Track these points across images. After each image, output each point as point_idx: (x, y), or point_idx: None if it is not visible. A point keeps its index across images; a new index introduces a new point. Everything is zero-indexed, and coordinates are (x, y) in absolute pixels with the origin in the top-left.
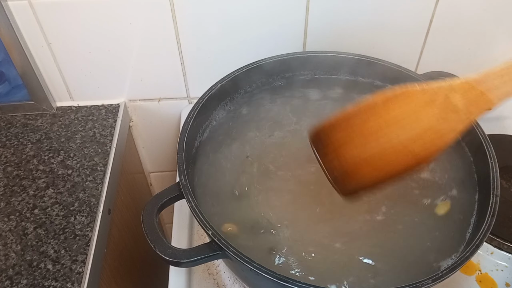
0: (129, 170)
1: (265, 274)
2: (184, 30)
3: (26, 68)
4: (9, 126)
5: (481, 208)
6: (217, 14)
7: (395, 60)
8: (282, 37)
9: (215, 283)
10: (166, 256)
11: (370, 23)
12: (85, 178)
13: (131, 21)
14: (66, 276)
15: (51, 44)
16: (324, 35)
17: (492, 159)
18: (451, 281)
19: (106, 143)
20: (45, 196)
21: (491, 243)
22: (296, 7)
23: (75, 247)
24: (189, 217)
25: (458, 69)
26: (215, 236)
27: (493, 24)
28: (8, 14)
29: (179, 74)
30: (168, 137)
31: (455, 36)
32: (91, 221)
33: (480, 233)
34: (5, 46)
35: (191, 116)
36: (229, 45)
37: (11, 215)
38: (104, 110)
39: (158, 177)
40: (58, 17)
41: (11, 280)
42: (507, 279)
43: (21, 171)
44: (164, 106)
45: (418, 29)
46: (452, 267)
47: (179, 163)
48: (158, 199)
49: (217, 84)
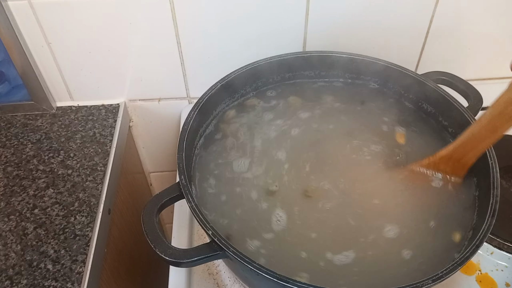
0: (129, 170)
1: (265, 274)
2: (184, 30)
3: (26, 68)
4: (9, 126)
5: (481, 208)
6: (217, 14)
7: (395, 60)
8: (282, 37)
9: (215, 283)
10: (166, 256)
11: (370, 23)
12: (85, 178)
13: (131, 21)
14: (66, 276)
15: (51, 44)
16: (324, 35)
17: (492, 159)
18: (451, 281)
19: (106, 143)
20: (45, 196)
21: (491, 243)
22: (296, 7)
23: (75, 247)
24: (189, 217)
25: (458, 69)
26: (215, 236)
27: (493, 24)
28: (8, 14)
29: (179, 74)
30: (168, 137)
31: (455, 36)
32: (91, 221)
33: (480, 233)
34: (5, 46)
35: (191, 116)
36: (229, 45)
37: (11, 215)
38: (104, 110)
39: (158, 177)
40: (58, 17)
41: (11, 280)
42: (507, 279)
43: (21, 171)
44: (164, 106)
45: (418, 29)
46: (452, 267)
47: (179, 163)
48: (158, 199)
49: (217, 84)
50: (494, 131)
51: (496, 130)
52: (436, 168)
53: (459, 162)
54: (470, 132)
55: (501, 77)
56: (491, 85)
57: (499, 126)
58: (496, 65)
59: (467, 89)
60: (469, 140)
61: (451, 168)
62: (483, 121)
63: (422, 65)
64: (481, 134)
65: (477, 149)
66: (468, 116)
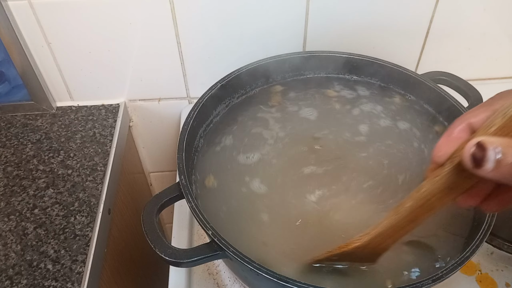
0: (129, 170)
1: (265, 274)
2: (184, 30)
3: (26, 68)
4: (9, 126)
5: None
6: (217, 14)
7: (395, 60)
8: (282, 37)
9: (215, 283)
10: (166, 256)
11: (370, 23)
12: (85, 178)
13: (131, 21)
14: (66, 276)
15: (51, 44)
16: (324, 35)
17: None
18: (451, 281)
19: (106, 143)
20: (45, 196)
21: (491, 243)
22: (296, 7)
23: (75, 247)
24: (189, 217)
25: (458, 69)
26: (215, 236)
27: (493, 24)
28: (8, 14)
29: (179, 74)
30: (168, 137)
31: (455, 36)
32: (91, 221)
33: (480, 233)
34: (5, 46)
35: (191, 116)
36: (229, 45)
37: (11, 215)
38: (104, 110)
39: (158, 177)
40: (58, 17)
41: (11, 280)
42: (507, 279)
43: (21, 171)
44: (164, 106)
45: (418, 29)
46: (452, 267)
47: (179, 163)
48: (158, 199)
49: (217, 84)
50: (414, 221)
51: (415, 220)
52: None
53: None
54: (388, 223)
55: (501, 77)
56: (491, 85)
57: (419, 216)
58: (496, 65)
59: (467, 89)
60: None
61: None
62: (403, 212)
63: (422, 65)
64: (399, 224)
65: (394, 237)
66: None
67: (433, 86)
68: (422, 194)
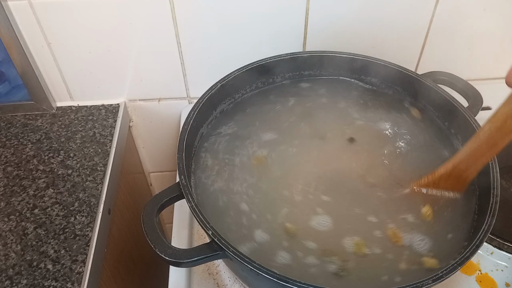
0: (129, 170)
1: (265, 274)
2: (184, 30)
3: (26, 68)
4: (9, 126)
5: (481, 208)
6: (217, 14)
7: (395, 60)
8: (282, 37)
9: (215, 283)
10: (166, 256)
11: (370, 23)
12: (85, 178)
13: (131, 21)
14: (66, 276)
15: (51, 44)
16: (324, 35)
17: (492, 159)
18: (451, 281)
19: (106, 143)
20: (45, 196)
21: (491, 243)
22: (296, 7)
23: (75, 247)
24: (189, 217)
25: (458, 69)
26: (215, 236)
27: (493, 24)
28: (8, 14)
29: (179, 74)
30: (168, 137)
31: (455, 36)
32: (91, 221)
33: (480, 233)
34: (5, 46)
35: (191, 116)
36: (229, 45)
37: (11, 215)
38: (104, 110)
39: (158, 177)
40: (58, 17)
41: (11, 280)
42: (507, 279)
43: (21, 171)
44: (164, 106)
45: (418, 29)
46: (452, 267)
47: (179, 163)
48: (158, 199)
49: (217, 84)
50: (494, 146)
51: (495, 145)
52: (436, 186)
53: (459, 178)
54: (469, 147)
55: (501, 77)
56: (491, 85)
57: (499, 140)
58: (496, 65)
59: (467, 89)
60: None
61: (451, 185)
62: (482, 136)
63: (422, 65)
64: (480, 150)
65: (477, 164)
66: (468, 116)
67: (433, 86)
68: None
